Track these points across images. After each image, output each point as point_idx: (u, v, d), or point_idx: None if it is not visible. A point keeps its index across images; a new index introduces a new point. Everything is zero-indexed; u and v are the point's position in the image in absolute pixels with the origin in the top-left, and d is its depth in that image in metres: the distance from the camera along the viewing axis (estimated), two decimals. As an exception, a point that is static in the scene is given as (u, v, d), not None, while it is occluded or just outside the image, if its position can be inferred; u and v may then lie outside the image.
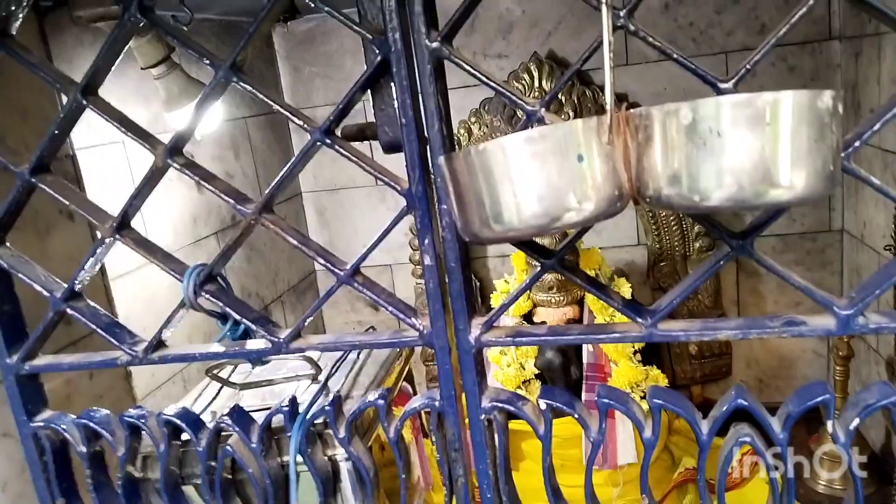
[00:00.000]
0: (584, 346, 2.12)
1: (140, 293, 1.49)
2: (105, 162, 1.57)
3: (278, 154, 2.50)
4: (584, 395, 2.07)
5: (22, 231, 1.04)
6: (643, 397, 2.06)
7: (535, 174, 0.57)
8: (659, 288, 2.41)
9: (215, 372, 1.06)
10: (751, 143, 0.52)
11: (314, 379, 1.07)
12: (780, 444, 0.72)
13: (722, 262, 0.70)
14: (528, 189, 0.58)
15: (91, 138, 1.52)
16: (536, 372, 2.13)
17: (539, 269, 0.75)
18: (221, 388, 1.08)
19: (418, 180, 0.74)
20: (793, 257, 2.42)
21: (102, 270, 1.27)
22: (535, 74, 2.35)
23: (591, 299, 2.12)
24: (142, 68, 1.53)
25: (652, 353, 2.18)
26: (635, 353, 2.09)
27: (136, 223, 0.86)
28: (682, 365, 2.42)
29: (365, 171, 0.78)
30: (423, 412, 0.84)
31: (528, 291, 2.20)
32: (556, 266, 0.74)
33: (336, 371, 1.08)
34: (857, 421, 0.70)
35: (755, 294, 2.49)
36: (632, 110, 0.58)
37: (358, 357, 1.15)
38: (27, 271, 0.88)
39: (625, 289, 2.12)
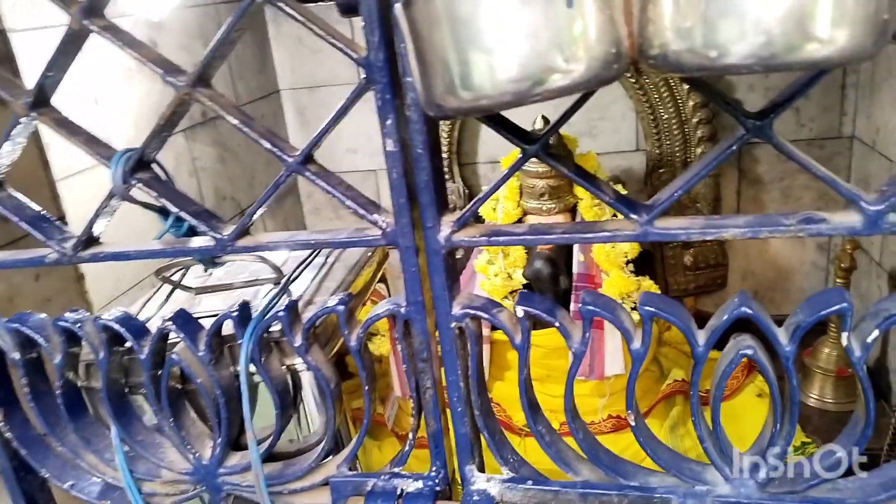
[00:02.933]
0: (575, 256, 2.03)
1: (93, 196, 1.38)
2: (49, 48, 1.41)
3: (252, 46, 2.32)
4: (572, 306, 2.00)
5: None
6: (634, 308, 1.99)
7: (511, 24, 0.46)
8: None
9: (167, 275, 0.97)
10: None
11: (277, 283, 0.98)
12: (786, 357, 0.64)
13: (734, 147, 0.59)
14: (504, 44, 0.46)
15: (29, 21, 1.36)
16: (524, 282, 2.05)
17: (521, 155, 0.64)
18: (172, 291, 0.99)
19: (378, 46, 0.62)
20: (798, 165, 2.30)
21: (46, 167, 1.15)
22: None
23: (584, 207, 2.02)
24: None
25: (645, 264, 2.10)
26: (628, 262, 2.00)
27: (92, 116, 0.75)
28: (676, 276, 2.34)
29: (317, 36, 0.66)
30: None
31: (519, 199, 2.09)
32: (539, 152, 0.63)
33: (298, 275, 0.99)
34: (876, 333, 0.61)
35: (756, 203, 2.39)
36: (635, -56, 0.46)
37: (326, 261, 1.06)
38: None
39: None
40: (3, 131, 0.73)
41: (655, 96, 2.16)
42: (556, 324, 0.69)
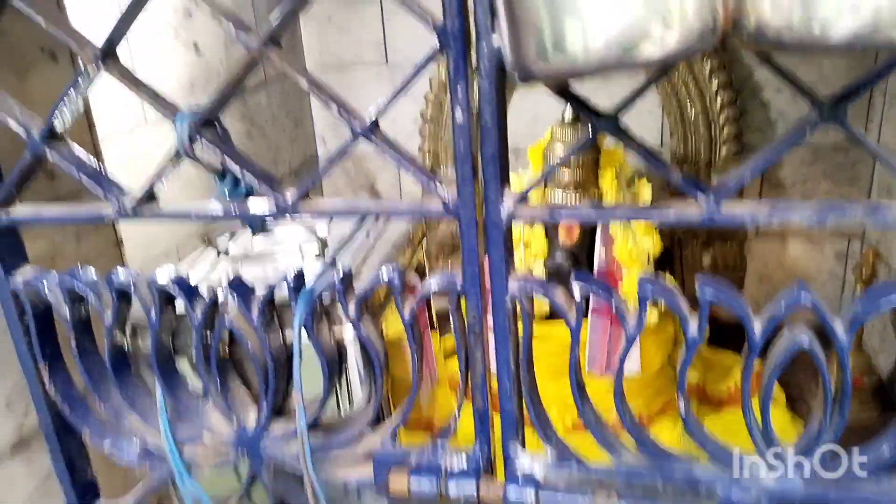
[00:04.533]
0: (596, 252, 2.03)
1: (132, 157, 1.38)
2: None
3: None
4: (591, 302, 2.00)
5: (-2, 69, 0.93)
6: (654, 303, 1.99)
7: (611, -7, 0.46)
8: (679, 194, 2.29)
9: (210, 239, 0.98)
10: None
11: (319, 255, 0.98)
12: (842, 348, 0.64)
13: (809, 130, 0.59)
14: (600, 9, 0.47)
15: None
16: (545, 276, 2.05)
17: (590, 132, 0.65)
18: (218, 257, 0.99)
19: (455, 12, 0.62)
20: (822, 169, 2.30)
21: (91, 127, 1.15)
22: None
23: (609, 200, 2.02)
24: None
25: (665, 262, 2.10)
26: (649, 261, 2.00)
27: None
28: (694, 276, 2.34)
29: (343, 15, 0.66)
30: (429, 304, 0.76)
31: (545, 188, 2.09)
32: (611, 128, 0.63)
33: (343, 249, 1.00)
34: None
35: (777, 208, 2.38)
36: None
37: (368, 238, 1.06)
38: (4, 106, 0.77)
39: (645, 190, 2.02)
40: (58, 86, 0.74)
41: (684, 92, 2.16)
42: (614, 306, 0.70)
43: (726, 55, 2.17)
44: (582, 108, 0.63)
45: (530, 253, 2.07)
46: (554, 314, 0.73)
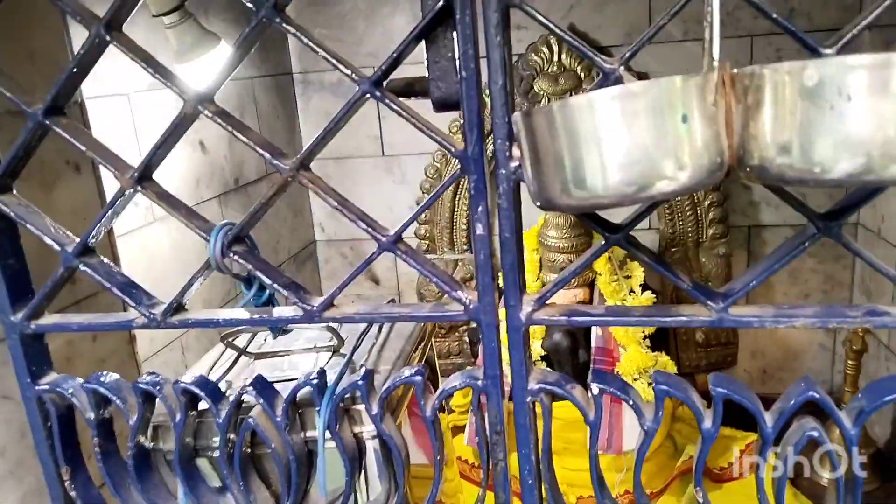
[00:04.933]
0: (593, 330, 2.07)
1: (140, 254, 1.42)
2: (109, 115, 1.49)
3: (283, 120, 2.42)
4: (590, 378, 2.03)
5: (26, 181, 0.97)
6: (650, 384, 2.02)
7: (627, 135, 0.52)
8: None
9: (230, 340, 1.01)
10: (885, 110, 0.46)
11: (335, 351, 1.01)
12: (850, 440, 0.68)
13: (807, 244, 0.65)
14: (618, 152, 0.52)
15: (95, 89, 1.44)
16: (543, 354, 2.09)
17: (604, 243, 0.70)
18: (238, 357, 1.02)
19: (475, 141, 0.68)
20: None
21: (110, 232, 1.20)
22: (555, 48, 2.28)
23: (602, 282, 2.08)
24: (153, 15, 1.45)
25: (661, 339, 2.14)
26: (645, 338, 2.04)
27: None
28: (688, 352, 2.38)
29: (417, 129, 0.72)
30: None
31: (539, 272, 2.15)
32: (622, 242, 0.68)
33: (360, 345, 1.03)
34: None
35: (765, 285, 2.45)
36: (738, 69, 0.52)
37: (380, 331, 1.10)
38: (37, 222, 0.81)
39: (637, 272, 2.08)
40: (15, 141, 0.77)
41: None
42: (630, 401, 0.73)
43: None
44: (594, 224, 0.69)
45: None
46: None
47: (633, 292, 2.05)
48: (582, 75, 2.26)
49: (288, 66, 2.47)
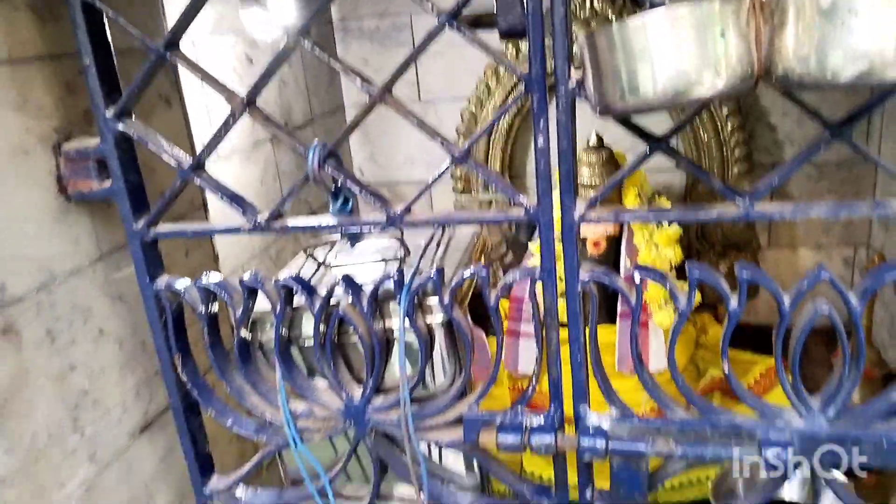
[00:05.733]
0: (622, 262, 2.20)
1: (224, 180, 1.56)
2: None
3: (325, 66, 2.52)
4: (619, 307, 2.16)
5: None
6: (676, 311, 2.16)
7: (674, 49, 0.63)
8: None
9: (310, 252, 1.15)
10: (884, 22, 0.57)
11: (402, 261, 1.15)
12: (856, 314, 0.80)
13: (822, 147, 0.76)
14: (667, 63, 0.64)
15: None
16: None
17: (647, 151, 0.82)
18: (319, 268, 1.16)
19: (538, 64, 0.80)
20: (827, 185, 2.47)
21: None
22: (586, -8, 2.36)
23: (630, 217, 2.19)
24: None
25: (684, 273, 2.25)
26: (672, 268, 2.17)
27: (199, 115, 0.91)
28: (706, 287, 2.50)
29: (484, 54, 0.84)
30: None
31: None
32: (664, 147, 0.81)
33: (423, 256, 1.17)
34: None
35: (787, 224, 2.56)
36: (766, -6, 0.64)
37: (438, 247, 1.23)
38: (155, 142, 0.95)
39: (665, 204, 2.19)
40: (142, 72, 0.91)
41: (697, 118, 2.35)
42: (667, 285, 0.86)
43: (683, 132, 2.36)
44: (641, 134, 0.81)
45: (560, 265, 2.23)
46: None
47: (661, 224, 2.16)
48: (613, 19, 2.34)
49: (328, 15, 2.58)
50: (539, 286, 0.90)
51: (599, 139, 2.18)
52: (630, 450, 0.89)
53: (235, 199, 0.96)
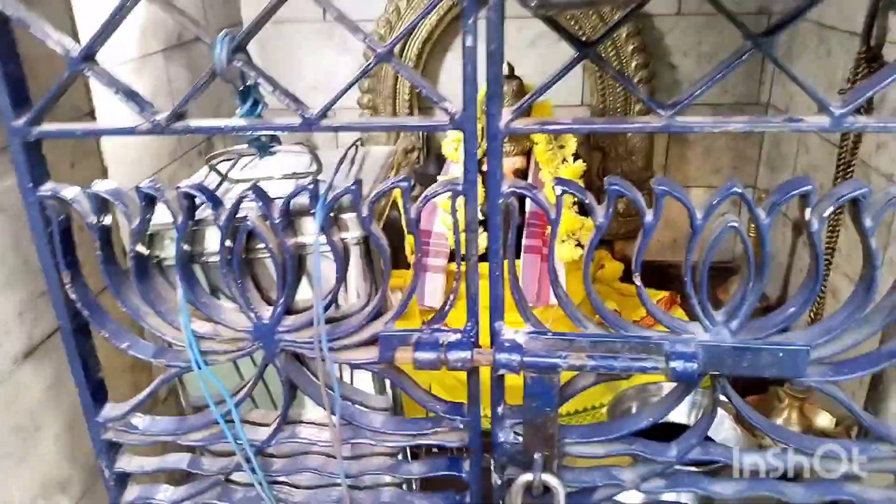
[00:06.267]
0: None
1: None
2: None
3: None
4: (524, 241, 2.19)
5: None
6: (578, 244, 2.21)
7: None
8: (598, 148, 2.52)
9: (214, 163, 1.07)
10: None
11: (314, 177, 1.10)
12: (763, 226, 0.83)
13: (744, 58, 0.77)
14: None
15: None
16: (482, 218, 2.22)
17: (577, 55, 0.80)
18: (222, 181, 1.09)
19: (469, -41, 0.76)
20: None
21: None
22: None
23: (538, 151, 2.21)
24: None
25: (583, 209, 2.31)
26: (574, 204, 2.21)
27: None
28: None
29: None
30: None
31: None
32: (592, 55, 0.79)
33: (337, 172, 1.11)
34: (830, 209, 0.81)
35: (682, 159, 2.66)
36: None
37: (352, 163, 1.18)
38: (39, 27, 0.84)
39: (570, 143, 2.22)
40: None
41: (602, 53, 2.38)
42: (586, 199, 0.86)
43: (641, 21, 2.40)
44: (569, 38, 0.79)
45: (466, 198, 2.23)
46: (485, 256, 0.89)
47: (566, 161, 2.20)
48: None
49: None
50: (446, 210, 0.88)
51: (511, 68, 2.16)
52: (545, 363, 0.90)
53: (132, 96, 0.87)
